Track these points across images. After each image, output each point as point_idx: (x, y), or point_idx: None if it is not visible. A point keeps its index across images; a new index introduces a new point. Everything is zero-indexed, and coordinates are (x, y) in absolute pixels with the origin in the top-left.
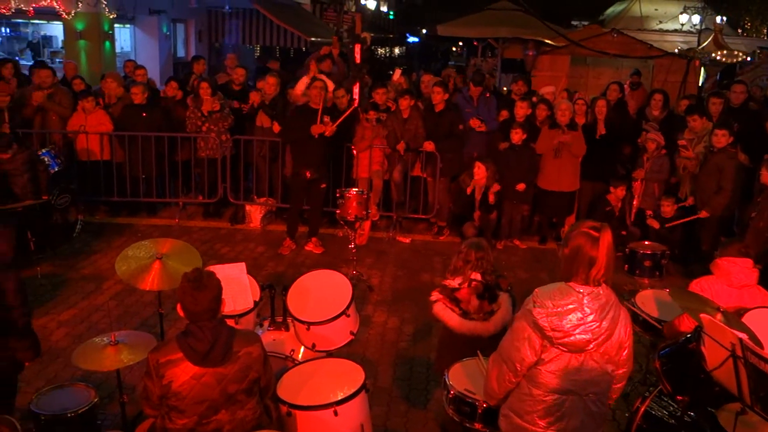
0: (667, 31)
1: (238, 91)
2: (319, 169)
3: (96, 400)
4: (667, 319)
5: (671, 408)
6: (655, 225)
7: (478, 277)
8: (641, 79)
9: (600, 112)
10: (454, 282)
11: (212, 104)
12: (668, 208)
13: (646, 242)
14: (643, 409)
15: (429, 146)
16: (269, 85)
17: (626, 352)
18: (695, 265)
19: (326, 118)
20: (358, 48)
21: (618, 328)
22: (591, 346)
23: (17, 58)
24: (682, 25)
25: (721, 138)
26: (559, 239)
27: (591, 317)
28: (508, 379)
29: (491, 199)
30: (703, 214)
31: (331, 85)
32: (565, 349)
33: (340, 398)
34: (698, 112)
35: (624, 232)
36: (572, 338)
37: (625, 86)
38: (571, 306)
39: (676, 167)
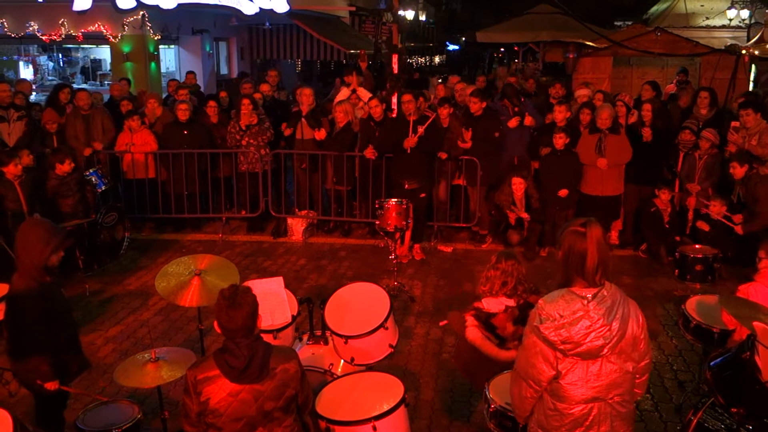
0: (714, 27)
1: (276, 105)
2: (417, 178)
3: (140, 416)
4: (718, 325)
5: (726, 420)
6: (705, 227)
7: (513, 302)
8: (688, 77)
9: (646, 116)
10: (489, 305)
11: (250, 118)
12: (717, 209)
13: (697, 245)
14: (695, 421)
15: (466, 135)
16: (305, 96)
17: (642, 344)
18: (752, 269)
19: (420, 128)
20: (395, 58)
21: (630, 325)
22: (605, 350)
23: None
24: (730, 20)
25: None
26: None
27: (600, 322)
28: (530, 395)
29: (525, 216)
30: (738, 230)
31: (364, 95)
32: (579, 358)
33: (379, 413)
34: (753, 106)
35: (678, 238)
36: (584, 347)
37: (672, 85)
38: (577, 315)
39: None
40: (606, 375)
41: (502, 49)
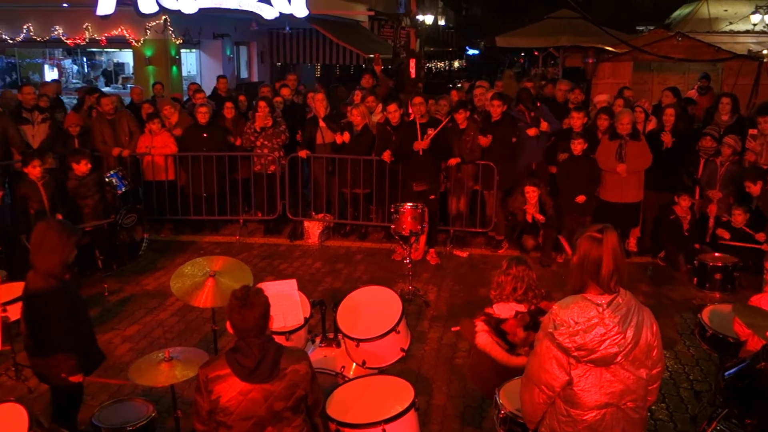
0: (737, 32)
1: (294, 109)
2: (426, 180)
3: (154, 414)
4: (734, 335)
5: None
6: (726, 235)
7: (523, 308)
8: (710, 83)
9: (668, 121)
10: (500, 311)
11: (264, 120)
12: (740, 217)
13: (717, 254)
14: None
15: (485, 141)
16: (318, 101)
17: (656, 352)
18: None
19: (429, 131)
20: (413, 63)
21: (644, 333)
22: (619, 358)
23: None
24: (754, 25)
25: None
26: (626, 253)
27: (615, 330)
28: (542, 401)
29: (540, 218)
30: (765, 248)
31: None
32: (593, 365)
33: (388, 416)
34: None
35: (697, 246)
36: (598, 354)
37: (693, 91)
38: (592, 322)
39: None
40: (620, 381)
41: (523, 54)
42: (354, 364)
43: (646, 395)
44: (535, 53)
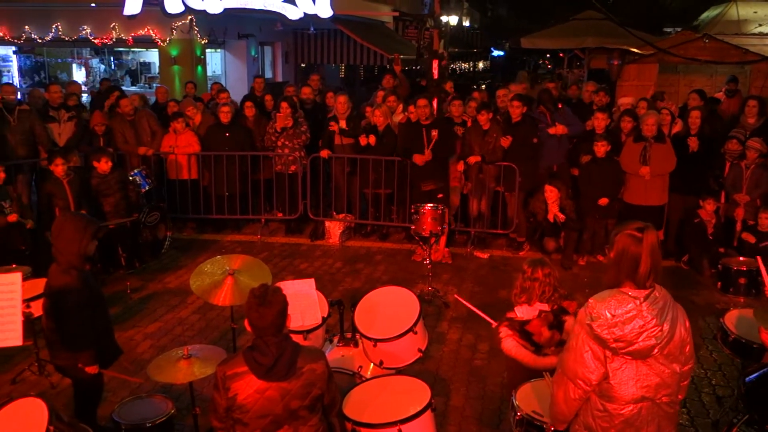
0: (766, 34)
1: (316, 109)
2: (433, 180)
3: (173, 411)
4: (758, 340)
5: None
6: (751, 240)
7: (546, 307)
8: (738, 86)
9: (694, 124)
10: (522, 313)
11: (284, 121)
12: (766, 221)
13: (741, 258)
14: None
15: (506, 142)
16: (340, 103)
17: (688, 348)
18: None
19: (433, 132)
20: (435, 64)
21: (678, 328)
22: (656, 350)
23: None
24: None
25: None
26: None
27: (652, 323)
28: (578, 397)
29: (560, 218)
30: None
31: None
32: (630, 357)
33: (405, 416)
34: None
35: (722, 250)
36: (636, 346)
37: (721, 94)
38: (630, 314)
39: None
40: (656, 374)
41: (548, 56)
42: (371, 364)
43: (679, 390)
44: (560, 55)
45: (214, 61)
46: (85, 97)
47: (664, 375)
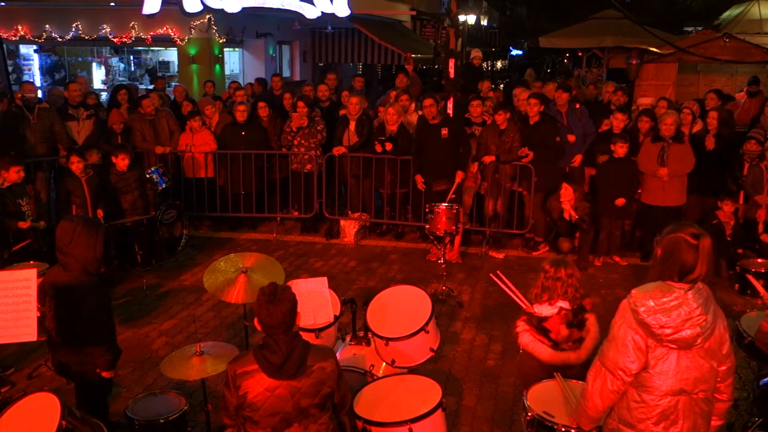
0: None
1: (333, 108)
2: (444, 180)
3: (186, 407)
4: None
5: None
6: None
7: (567, 305)
8: (759, 86)
9: (711, 124)
10: (541, 310)
11: (300, 120)
12: None
13: (759, 260)
14: None
15: (524, 153)
16: (353, 105)
17: (726, 346)
18: None
19: (443, 131)
20: (452, 63)
21: (718, 323)
22: (699, 340)
23: (137, 83)
24: None
25: None
26: None
27: (697, 311)
28: (615, 390)
29: (573, 215)
30: None
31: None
32: (674, 346)
33: (415, 416)
34: None
35: (740, 251)
36: (681, 333)
37: (742, 93)
38: (674, 302)
39: None
40: (695, 368)
41: (567, 55)
42: (383, 362)
43: (715, 388)
44: (579, 54)
45: (232, 60)
46: (104, 96)
47: (704, 369)
